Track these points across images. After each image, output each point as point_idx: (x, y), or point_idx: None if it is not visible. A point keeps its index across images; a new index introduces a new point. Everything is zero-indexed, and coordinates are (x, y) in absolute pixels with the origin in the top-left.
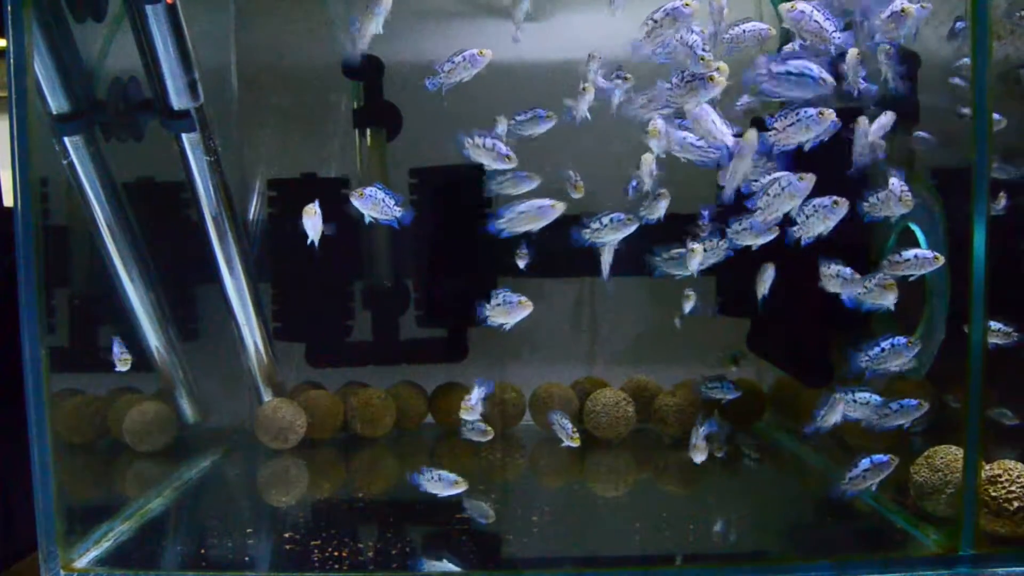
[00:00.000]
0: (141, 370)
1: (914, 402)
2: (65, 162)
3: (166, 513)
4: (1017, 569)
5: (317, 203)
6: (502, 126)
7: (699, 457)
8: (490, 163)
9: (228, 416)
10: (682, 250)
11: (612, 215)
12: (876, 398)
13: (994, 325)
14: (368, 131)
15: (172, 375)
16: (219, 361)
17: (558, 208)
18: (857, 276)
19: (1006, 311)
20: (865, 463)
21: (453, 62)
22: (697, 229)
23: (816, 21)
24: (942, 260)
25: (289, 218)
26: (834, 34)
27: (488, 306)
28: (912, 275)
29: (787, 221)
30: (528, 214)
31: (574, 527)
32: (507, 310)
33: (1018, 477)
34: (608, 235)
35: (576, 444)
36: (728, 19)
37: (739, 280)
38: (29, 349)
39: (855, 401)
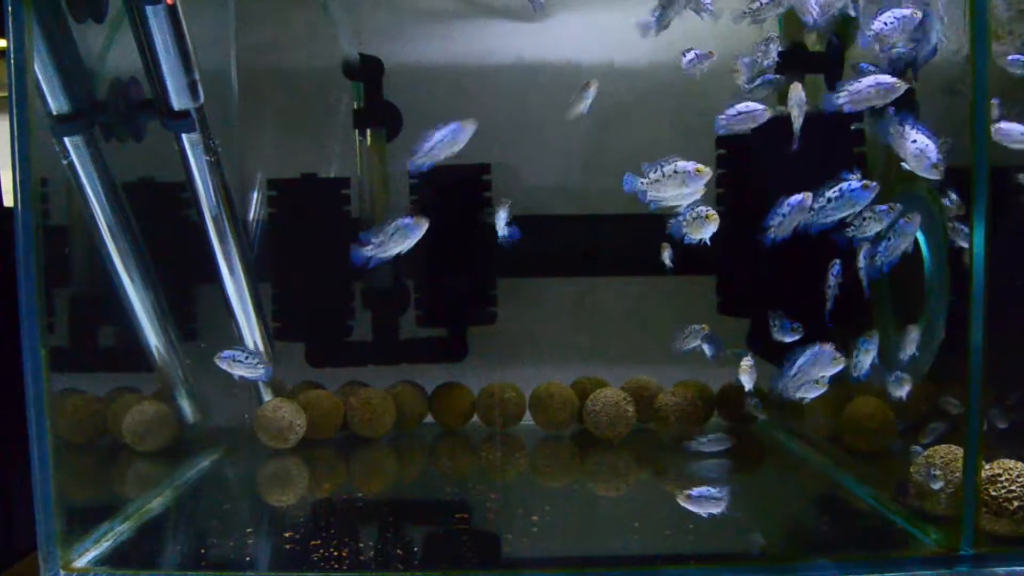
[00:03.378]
0: (141, 370)
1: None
2: (65, 162)
3: (166, 513)
4: (1017, 568)
5: None
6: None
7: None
8: None
9: (228, 416)
10: None
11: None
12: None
13: None
14: (368, 131)
15: (172, 375)
16: None
17: (468, 129)
18: None
19: None
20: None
21: None
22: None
23: None
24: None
25: (289, 218)
26: None
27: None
28: (847, 215)
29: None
30: (444, 143)
31: (574, 527)
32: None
33: (1018, 476)
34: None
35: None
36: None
37: (739, 279)
38: (29, 349)
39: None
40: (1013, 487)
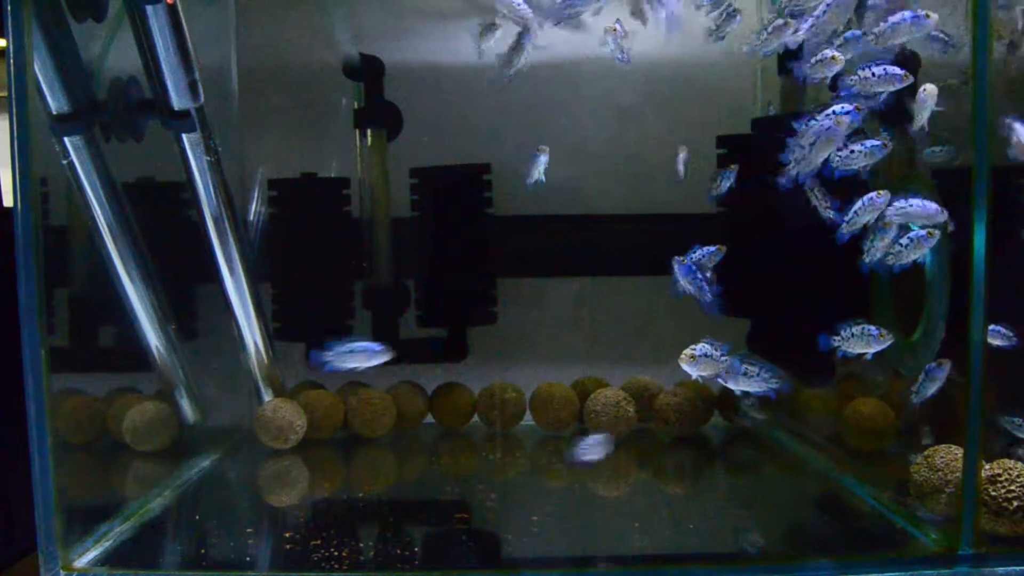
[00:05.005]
0: (141, 370)
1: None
2: (65, 162)
3: (166, 513)
4: (1017, 568)
5: None
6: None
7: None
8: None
9: (228, 416)
10: None
11: None
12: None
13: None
14: (368, 131)
15: (172, 375)
16: (219, 361)
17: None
18: None
19: None
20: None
21: None
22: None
23: None
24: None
25: (289, 218)
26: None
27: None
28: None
29: None
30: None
31: (574, 527)
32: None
33: (1017, 476)
34: None
35: None
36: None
37: (739, 279)
38: (29, 349)
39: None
40: (1013, 487)
